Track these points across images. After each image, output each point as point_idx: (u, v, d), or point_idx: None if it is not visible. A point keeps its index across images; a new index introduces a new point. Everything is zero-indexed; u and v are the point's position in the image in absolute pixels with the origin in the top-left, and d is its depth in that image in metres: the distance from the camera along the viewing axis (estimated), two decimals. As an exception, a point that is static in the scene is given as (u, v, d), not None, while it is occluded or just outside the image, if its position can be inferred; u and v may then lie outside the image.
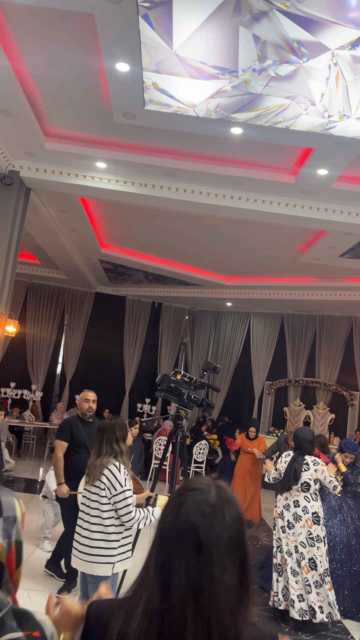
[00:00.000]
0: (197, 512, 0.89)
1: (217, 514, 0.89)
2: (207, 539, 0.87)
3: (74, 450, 4.39)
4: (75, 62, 4.22)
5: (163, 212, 7.05)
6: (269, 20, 3.32)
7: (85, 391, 4.58)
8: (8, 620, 0.97)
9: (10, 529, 1.06)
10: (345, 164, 5.10)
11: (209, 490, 0.93)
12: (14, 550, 1.06)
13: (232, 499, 0.93)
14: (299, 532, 4.32)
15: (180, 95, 4.28)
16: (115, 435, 3.02)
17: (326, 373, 12.27)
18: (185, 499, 0.92)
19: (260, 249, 8.47)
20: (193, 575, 0.85)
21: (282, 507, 4.48)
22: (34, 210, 7.18)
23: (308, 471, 4.42)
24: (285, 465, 4.52)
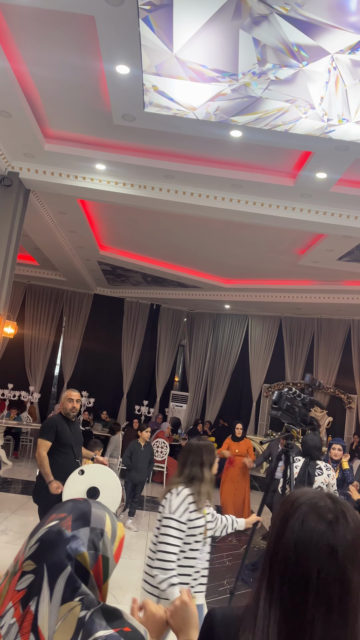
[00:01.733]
0: (322, 520, 0.92)
1: (339, 519, 0.93)
2: (336, 544, 0.90)
3: (59, 451, 4.32)
4: (75, 64, 4.22)
5: (162, 214, 7.05)
6: (269, 24, 3.33)
7: (69, 390, 4.52)
8: (97, 619, 0.99)
9: (97, 541, 1.05)
10: (344, 167, 5.12)
11: (323, 497, 0.97)
12: (101, 564, 1.05)
13: (347, 504, 0.97)
14: None
15: (180, 98, 4.28)
16: (201, 458, 2.75)
17: (324, 376, 12.28)
18: (307, 509, 0.95)
19: (259, 252, 8.48)
20: (325, 581, 0.88)
21: None
22: (33, 211, 7.18)
23: (321, 475, 4.46)
24: (296, 471, 4.50)
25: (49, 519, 1.08)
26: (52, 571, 0.98)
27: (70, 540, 1.02)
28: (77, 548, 1.01)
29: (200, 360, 13.88)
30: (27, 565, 1.01)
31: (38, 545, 1.03)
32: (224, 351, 13.54)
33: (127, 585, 4.78)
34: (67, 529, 1.04)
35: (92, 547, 1.04)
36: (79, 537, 1.03)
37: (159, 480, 9.92)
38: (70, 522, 1.05)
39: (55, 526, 1.04)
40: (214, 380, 13.52)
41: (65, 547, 1.01)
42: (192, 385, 13.77)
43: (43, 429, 4.39)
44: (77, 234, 8.44)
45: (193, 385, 13.78)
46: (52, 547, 1.01)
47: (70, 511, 1.08)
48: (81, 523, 1.06)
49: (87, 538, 1.04)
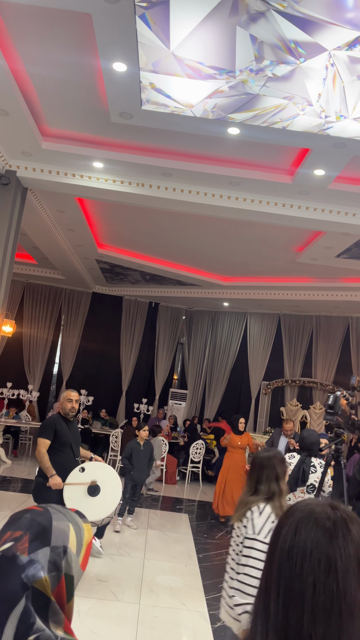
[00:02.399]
0: (319, 527, 0.85)
1: (339, 528, 0.85)
2: (334, 555, 0.82)
3: (58, 450, 4.37)
4: (72, 62, 4.21)
5: (160, 212, 7.05)
6: (266, 21, 3.32)
7: (68, 391, 4.55)
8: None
9: (59, 561, 0.94)
10: (342, 164, 5.11)
11: (324, 505, 0.89)
12: (64, 584, 0.94)
13: (351, 513, 0.89)
14: None
15: (178, 95, 4.28)
16: (276, 472, 2.65)
17: (323, 373, 12.29)
18: (302, 515, 0.88)
19: (257, 249, 8.48)
20: (323, 594, 0.81)
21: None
22: (31, 210, 7.18)
23: (315, 473, 4.48)
24: (290, 467, 4.52)
25: (3, 537, 0.96)
26: (3, 607, 0.87)
27: (27, 567, 0.90)
28: (34, 574, 0.90)
29: (199, 358, 13.89)
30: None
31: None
32: (223, 349, 13.55)
33: (127, 582, 4.79)
34: (22, 552, 0.92)
35: (53, 568, 0.93)
36: (37, 561, 0.91)
37: (158, 478, 9.93)
38: (26, 544, 0.93)
39: (9, 550, 0.92)
40: (213, 378, 13.53)
41: (20, 577, 0.89)
42: (191, 383, 13.78)
43: (42, 428, 4.42)
44: (75, 232, 8.43)
45: (192, 383, 13.79)
46: (5, 577, 0.89)
47: (27, 528, 0.96)
48: (39, 543, 0.94)
49: (47, 560, 0.92)
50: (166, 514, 7.57)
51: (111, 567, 5.20)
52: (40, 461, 4.32)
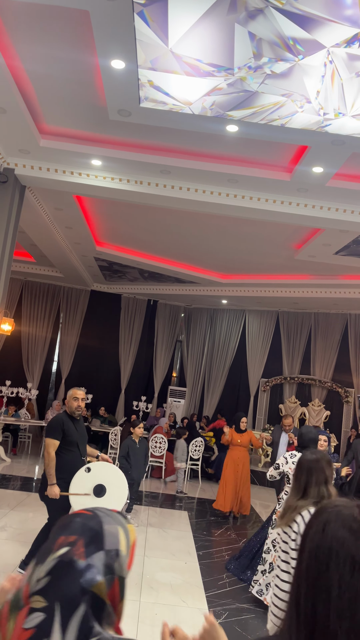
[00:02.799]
0: (345, 528, 0.88)
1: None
2: (357, 554, 0.85)
3: (65, 449, 4.33)
4: (70, 59, 4.20)
5: (158, 209, 7.04)
6: (264, 18, 3.32)
7: (74, 389, 4.51)
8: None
9: (113, 563, 0.96)
10: (341, 161, 5.11)
11: (352, 506, 0.92)
12: (118, 586, 0.97)
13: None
14: None
15: (176, 92, 4.27)
16: (324, 475, 2.62)
17: (321, 370, 12.31)
18: (330, 516, 0.91)
19: (255, 247, 8.48)
20: (347, 592, 0.84)
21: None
22: (29, 207, 7.16)
23: None
24: (293, 465, 4.55)
25: (56, 542, 0.98)
26: (64, 611, 0.90)
27: (85, 571, 0.93)
28: (92, 579, 0.93)
29: (198, 355, 13.90)
30: (36, 602, 0.92)
31: (48, 580, 0.93)
32: (222, 346, 13.56)
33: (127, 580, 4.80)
34: (79, 557, 0.94)
35: (108, 572, 0.95)
36: (93, 565, 0.94)
37: (158, 475, 9.95)
38: (82, 549, 0.95)
39: (67, 555, 0.94)
40: (212, 376, 13.55)
41: (79, 581, 0.92)
42: (190, 381, 13.80)
43: (50, 429, 4.35)
44: (74, 230, 8.42)
45: (191, 380, 13.80)
46: (65, 582, 0.92)
47: (80, 533, 0.98)
48: (94, 548, 0.96)
49: (102, 564, 0.95)
50: (165, 511, 7.59)
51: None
52: (46, 465, 4.27)
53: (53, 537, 1.00)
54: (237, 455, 7.65)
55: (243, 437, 7.74)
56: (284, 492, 4.62)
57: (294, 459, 4.60)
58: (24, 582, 0.98)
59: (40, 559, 0.97)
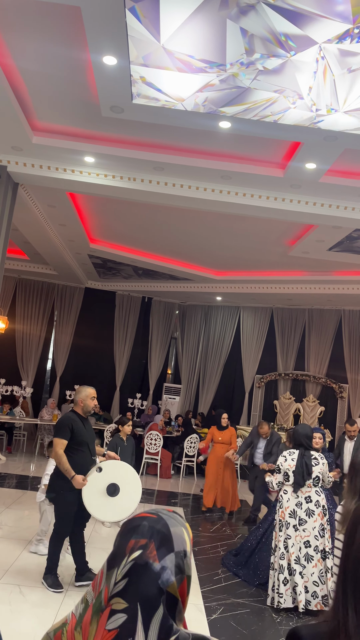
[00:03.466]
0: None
1: None
2: None
3: (75, 449, 4.23)
4: (62, 56, 4.18)
5: (152, 206, 7.03)
6: (256, 14, 3.31)
7: (88, 388, 4.43)
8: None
9: (182, 564, 1.02)
10: (333, 157, 5.12)
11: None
12: (186, 584, 1.03)
13: None
14: (312, 526, 4.45)
15: (168, 89, 4.26)
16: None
17: (316, 366, 12.36)
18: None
19: (249, 243, 8.49)
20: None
21: (293, 506, 4.52)
22: (22, 205, 7.14)
23: (318, 465, 4.58)
24: (292, 463, 4.60)
25: (127, 546, 1.03)
26: (145, 611, 0.95)
27: (160, 573, 0.98)
28: (167, 579, 0.98)
29: (193, 352, 13.91)
30: (117, 604, 0.97)
31: (127, 582, 0.98)
32: (216, 343, 13.58)
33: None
34: (154, 560, 0.99)
35: (178, 572, 1.01)
36: (167, 567, 0.99)
37: (153, 472, 9.97)
38: (155, 551, 1.00)
39: (141, 558, 0.99)
40: (207, 372, 13.57)
41: (157, 582, 0.97)
42: (185, 378, 13.81)
43: (58, 428, 4.26)
44: (67, 227, 8.40)
45: (186, 377, 13.82)
46: (143, 583, 0.97)
47: (150, 536, 1.03)
48: (165, 550, 1.01)
49: (174, 565, 1.00)
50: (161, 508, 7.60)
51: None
52: (58, 463, 4.17)
53: (122, 540, 1.05)
54: (220, 453, 7.64)
55: (224, 435, 7.70)
56: (283, 490, 4.61)
57: (292, 456, 4.62)
58: (102, 585, 1.02)
59: (114, 563, 1.03)
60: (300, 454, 4.59)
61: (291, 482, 4.57)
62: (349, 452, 6.86)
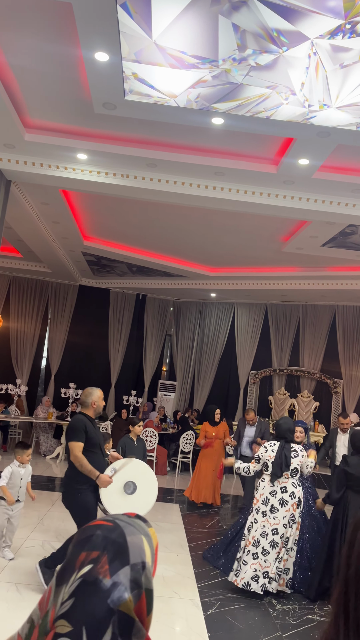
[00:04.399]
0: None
1: None
2: None
3: (89, 451, 4.16)
4: (54, 52, 4.16)
5: (145, 203, 7.02)
6: (248, 9, 3.31)
7: (97, 389, 4.39)
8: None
9: (139, 577, 0.90)
10: (326, 153, 5.13)
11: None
12: (145, 599, 0.90)
13: None
14: (283, 515, 4.58)
15: (161, 85, 4.25)
16: None
17: (310, 362, 12.40)
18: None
19: (243, 240, 8.49)
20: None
21: (267, 494, 4.69)
22: (15, 202, 7.10)
23: (297, 457, 4.74)
24: (272, 454, 4.76)
25: (78, 559, 0.91)
26: (91, 636, 0.83)
27: (111, 590, 0.86)
28: (119, 597, 0.86)
29: (188, 349, 13.92)
30: (61, 627, 0.85)
31: (73, 602, 0.86)
32: (211, 339, 13.59)
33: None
34: (104, 576, 0.87)
35: (135, 587, 0.88)
36: (119, 582, 0.87)
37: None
38: (106, 566, 0.88)
39: (90, 574, 0.87)
40: (202, 369, 13.58)
41: (106, 602, 0.85)
42: (180, 374, 13.82)
43: (73, 431, 4.15)
44: (61, 224, 8.37)
45: (181, 374, 13.83)
46: (90, 604, 0.85)
47: (103, 548, 0.91)
48: (119, 563, 0.89)
49: (128, 579, 0.88)
50: (157, 504, 7.60)
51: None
52: (80, 466, 4.07)
53: (73, 553, 0.93)
54: (211, 448, 7.78)
55: (218, 430, 7.83)
56: (262, 479, 4.78)
57: (273, 447, 4.77)
58: (50, 604, 0.91)
59: (62, 579, 0.91)
60: (281, 446, 4.77)
61: (269, 472, 4.73)
62: (343, 445, 7.01)
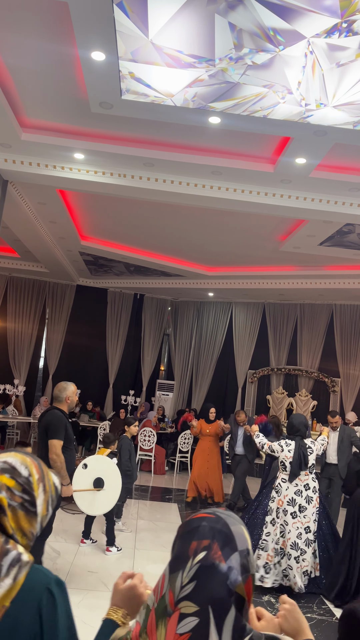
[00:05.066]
0: None
1: None
2: None
3: (66, 448, 4.15)
4: (50, 52, 4.15)
5: (143, 202, 7.01)
6: (244, 8, 3.30)
7: (70, 384, 4.32)
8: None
9: (246, 563, 1.01)
10: (323, 152, 5.13)
11: None
12: (251, 583, 1.01)
13: None
14: (312, 512, 4.70)
15: (158, 84, 4.24)
16: None
17: (308, 360, 12.41)
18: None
19: (240, 239, 8.49)
20: None
21: (292, 494, 4.73)
22: (12, 202, 7.09)
23: (312, 454, 4.83)
24: (289, 454, 4.81)
25: (190, 548, 1.01)
26: (217, 613, 0.94)
27: (228, 573, 0.97)
28: (235, 580, 0.97)
29: (186, 348, 13.92)
30: (186, 607, 0.96)
31: (195, 585, 0.97)
32: (209, 339, 13.59)
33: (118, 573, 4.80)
34: (220, 560, 0.98)
35: (244, 571, 0.99)
36: (233, 566, 0.98)
37: (147, 468, 9.98)
38: (219, 552, 0.99)
39: (207, 559, 0.98)
40: (200, 368, 13.58)
41: (226, 583, 0.96)
42: (178, 374, 13.82)
43: (56, 429, 4.09)
44: (58, 224, 8.36)
45: (179, 373, 13.83)
46: (211, 585, 0.96)
47: (212, 537, 1.01)
48: (229, 549, 1.00)
49: (239, 564, 0.99)
50: (155, 504, 7.62)
51: (102, 557, 5.23)
52: (59, 468, 4.04)
53: (183, 543, 1.03)
54: (206, 445, 7.92)
55: (212, 427, 7.98)
56: (281, 479, 4.78)
57: (289, 447, 4.77)
58: (165, 589, 1.01)
59: (177, 567, 1.01)
60: (297, 444, 4.78)
61: (288, 471, 4.77)
62: (334, 443, 7.18)
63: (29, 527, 1.15)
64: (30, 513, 1.16)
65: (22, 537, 1.13)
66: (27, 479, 1.17)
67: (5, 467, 1.16)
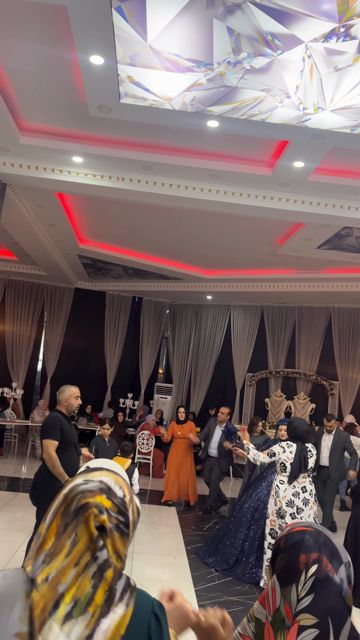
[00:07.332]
0: None
1: None
2: None
3: (64, 450, 4.15)
4: (49, 55, 4.16)
5: (141, 206, 7.02)
6: (242, 13, 3.32)
7: (71, 387, 4.35)
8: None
9: (350, 574, 1.04)
10: (321, 156, 5.15)
11: None
12: (352, 592, 1.05)
13: None
14: (308, 514, 4.73)
15: (156, 88, 4.26)
16: None
17: (306, 363, 12.41)
18: None
19: (239, 242, 8.50)
20: None
21: (290, 496, 4.78)
22: (10, 206, 7.09)
23: (312, 457, 4.87)
24: (291, 455, 4.85)
25: (299, 561, 1.04)
26: (336, 624, 0.98)
27: (341, 585, 1.01)
28: (347, 591, 1.01)
29: (184, 351, 13.91)
30: (305, 620, 0.99)
31: (312, 598, 1.00)
32: (207, 342, 13.59)
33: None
34: (332, 573, 1.02)
35: (349, 582, 1.03)
36: (344, 578, 1.02)
37: (146, 472, 9.96)
38: (329, 565, 1.03)
39: (320, 572, 1.02)
40: (198, 371, 13.58)
41: (341, 595, 1.00)
42: (177, 377, 13.81)
43: (49, 429, 4.13)
44: (56, 227, 8.36)
45: (177, 376, 13.82)
46: (328, 598, 1.00)
47: (319, 549, 1.05)
48: (337, 562, 1.04)
49: (345, 575, 1.03)
50: (154, 507, 7.60)
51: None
52: (52, 466, 4.05)
53: (291, 557, 1.05)
54: (180, 447, 7.82)
55: (183, 429, 7.86)
56: (279, 481, 4.81)
57: (290, 449, 4.79)
58: (278, 602, 1.04)
59: (288, 580, 1.03)
60: (299, 447, 4.83)
61: (287, 473, 4.81)
62: (327, 446, 7.26)
63: (123, 550, 1.10)
64: (124, 535, 1.10)
65: (117, 560, 1.08)
66: (122, 500, 1.12)
67: (102, 487, 1.12)
